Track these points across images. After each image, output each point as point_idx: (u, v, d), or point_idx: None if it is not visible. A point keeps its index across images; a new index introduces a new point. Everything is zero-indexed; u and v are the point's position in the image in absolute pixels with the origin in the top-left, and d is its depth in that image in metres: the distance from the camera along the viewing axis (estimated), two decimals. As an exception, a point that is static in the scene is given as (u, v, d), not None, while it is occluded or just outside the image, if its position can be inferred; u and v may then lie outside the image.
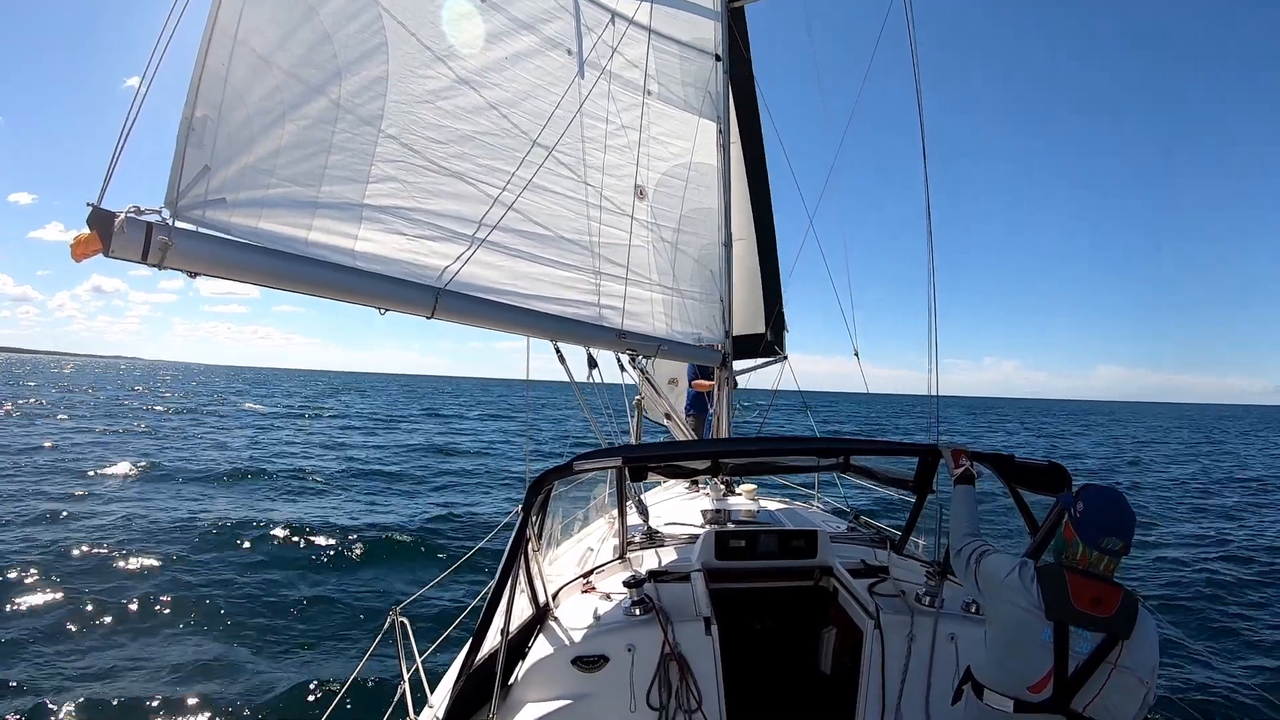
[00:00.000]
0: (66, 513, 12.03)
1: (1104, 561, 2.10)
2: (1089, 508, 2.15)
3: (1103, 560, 2.10)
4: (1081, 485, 2.31)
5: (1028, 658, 2.08)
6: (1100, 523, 2.11)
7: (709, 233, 6.06)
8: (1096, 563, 2.11)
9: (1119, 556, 2.12)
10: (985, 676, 2.21)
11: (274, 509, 13.38)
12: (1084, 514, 2.14)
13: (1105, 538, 2.09)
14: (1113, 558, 2.11)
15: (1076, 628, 2.05)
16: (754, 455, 4.33)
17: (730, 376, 6.20)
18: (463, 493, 16.48)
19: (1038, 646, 2.07)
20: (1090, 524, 2.12)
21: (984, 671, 2.23)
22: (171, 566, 9.42)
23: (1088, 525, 2.12)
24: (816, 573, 3.62)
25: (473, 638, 2.70)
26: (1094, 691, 2.03)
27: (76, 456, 19.04)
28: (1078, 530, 2.14)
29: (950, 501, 2.75)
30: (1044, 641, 2.06)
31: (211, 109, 2.82)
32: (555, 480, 3.12)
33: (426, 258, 3.73)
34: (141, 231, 2.54)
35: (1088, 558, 2.11)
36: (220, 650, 6.84)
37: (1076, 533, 2.14)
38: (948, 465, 2.99)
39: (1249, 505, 18.03)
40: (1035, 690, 2.07)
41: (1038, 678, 2.06)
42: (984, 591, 2.29)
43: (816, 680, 3.51)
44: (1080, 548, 2.13)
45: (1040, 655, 2.06)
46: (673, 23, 5.60)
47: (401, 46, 3.63)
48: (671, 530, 4.43)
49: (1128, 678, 2.03)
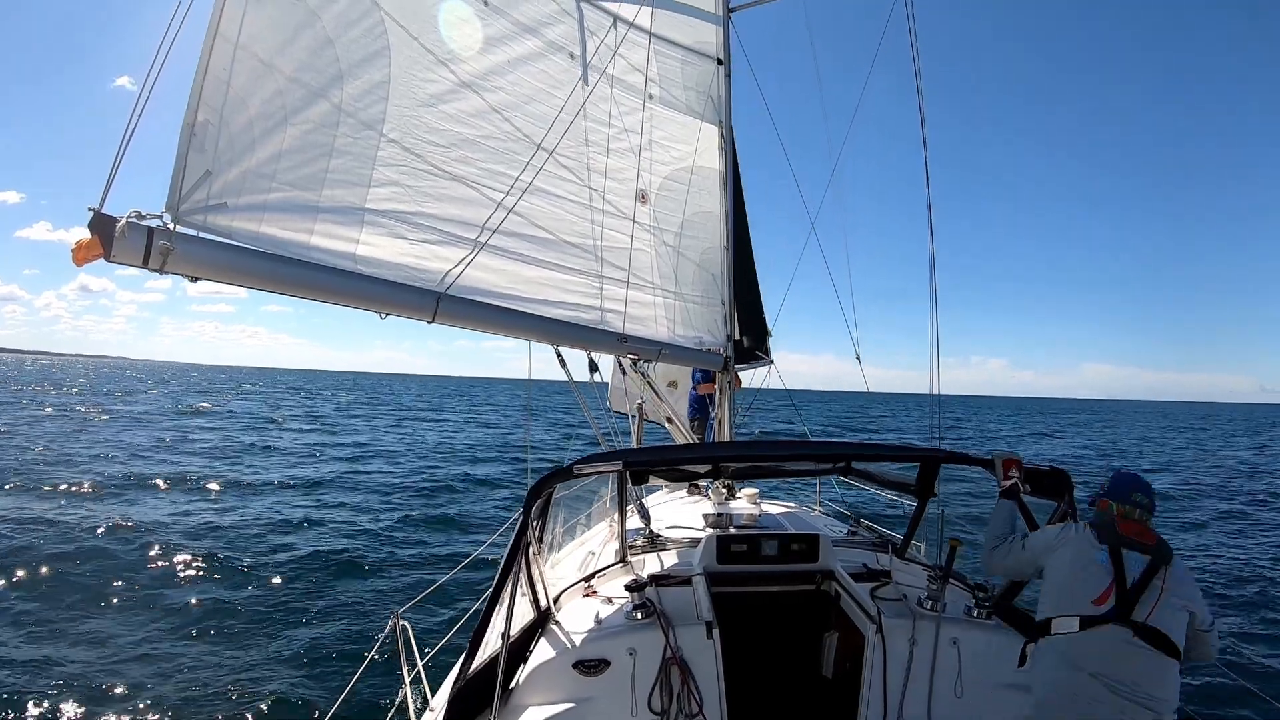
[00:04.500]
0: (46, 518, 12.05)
1: (1136, 513, 2.54)
2: (1115, 480, 2.65)
3: (1135, 512, 2.54)
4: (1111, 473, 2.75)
5: (1089, 577, 2.42)
6: (1126, 486, 2.60)
7: (710, 236, 6.07)
8: (1129, 514, 2.54)
9: (1149, 512, 2.56)
10: (1049, 608, 2.47)
11: (274, 509, 13.38)
12: (1112, 484, 2.64)
13: (1134, 493, 2.57)
14: (1144, 511, 2.55)
15: (1127, 550, 2.43)
16: (755, 459, 4.33)
17: (732, 380, 6.20)
18: (471, 495, 16.47)
19: (1095, 566, 2.42)
20: (1118, 488, 2.60)
21: (1047, 606, 2.49)
22: (171, 568, 9.43)
23: (1116, 490, 2.60)
24: (818, 577, 3.61)
25: (473, 641, 2.69)
26: (1150, 605, 2.34)
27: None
28: (1110, 497, 2.60)
29: (948, 503, 2.95)
30: (1100, 562, 2.43)
31: (213, 113, 2.82)
32: (556, 484, 3.12)
33: (428, 262, 3.73)
34: (143, 236, 2.55)
35: (1123, 510, 2.55)
36: (221, 654, 6.83)
37: (1110, 499, 2.59)
38: (996, 475, 3.00)
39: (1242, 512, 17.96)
40: (1099, 603, 2.37)
41: (1100, 591, 2.38)
42: (1039, 553, 2.64)
43: (818, 684, 3.50)
44: (1115, 507, 2.57)
45: (1099, 574, 2.41)
46: (674, 27, 5.60)
47: (403, 50, 3.64)
48: (673, 534, 4.42)
49: (1175, 600, 2.36)
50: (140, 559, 9.81)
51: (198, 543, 10.86)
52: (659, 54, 5.45)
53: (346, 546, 10.89)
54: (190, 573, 9.35)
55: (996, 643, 3.02)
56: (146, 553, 10.07)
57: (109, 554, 10.00)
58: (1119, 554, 2.41)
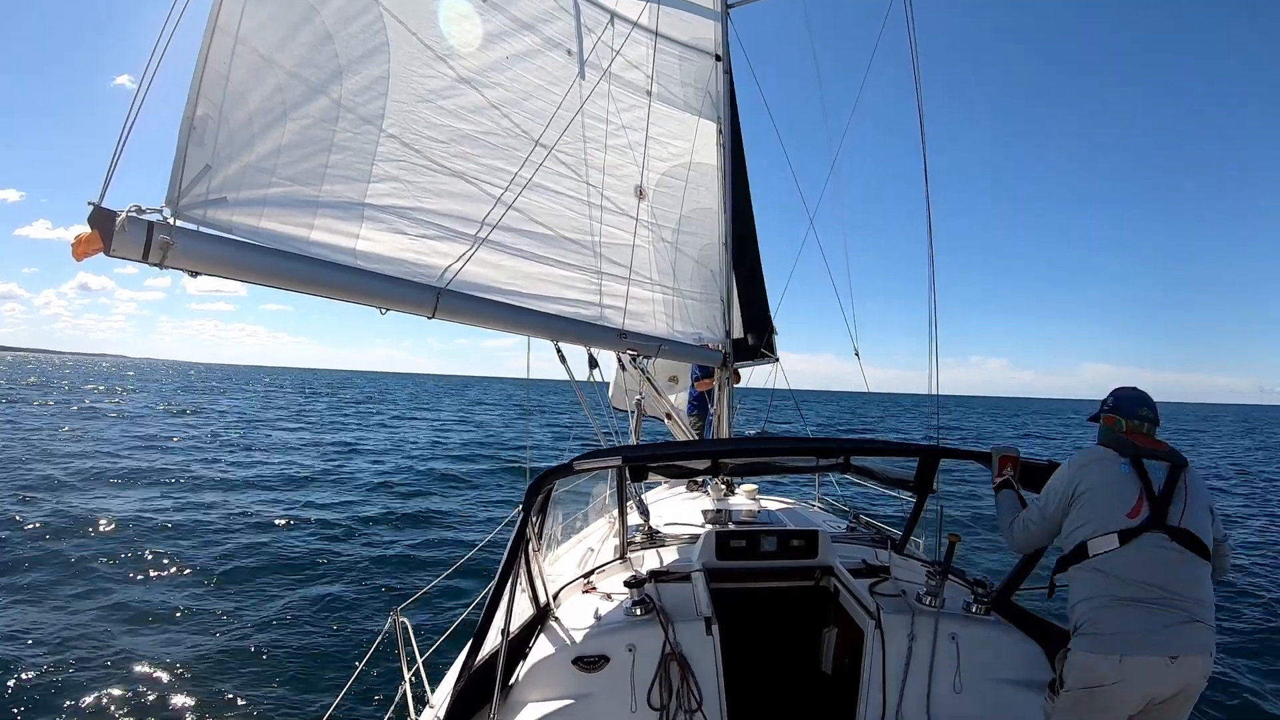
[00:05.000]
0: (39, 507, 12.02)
1: (1145, 426, 2.61)
2: (1118, 396, 2.71)
3: (1143, 426, 2.61)
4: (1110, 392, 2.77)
5: (1117, 492, 2.44)
6: (1131, 400, 2.67)
7: (709, 232, 6.07)
8: (1138, 428, 2.61)
9: (1155, 425, 2.62)
10: (1083, 532, 2.47)
11: (273, 509, 13.37)
12: (1116, 400, 2.70)
13: (1139, 408, 2.63)
14: (1151, 425, 2.61)
15: (1147, 459, 2.48)
16: (754, 455, 4.33)
17: (730, 376, 6.20)
18: (461, 493, 16.47)
19: (1121, 479, 2.45)
20: (1124, 404, 2.67)
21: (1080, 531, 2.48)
22: (169, 566, 9.42)
23: (1122, 405, 2.67)
24: (817, 573, 3.61)
25: (473, 638, 2.69)
26: (1180, 508, 2.39)
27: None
28: (1116, 412, 2.67)
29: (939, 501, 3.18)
30: (1125, 473, 2.46)
31: (213, 108, 2.81)
32: (555, 480, 3.12)
33: (428, 257, 3.72)
34: (142, 231, 2.53)
35: (1131, 425, 2.62)
36: (220, 650, 6.83)
37: (1116, 414, 2.66)
38: (993, 470, 3.03)
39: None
40: (1133, 515, 2.40)
41: (1132, 503, 2.41)
42: (1062, 495, 2.57)
43: (817, 680, 3.51)
44: (1122, 423, 2.64)
45: (1127, 486, 2.44)
46: (672, 23, 5.60)
47: (403, 46, 3.63)
48: (672, 530, 4.42)
49: (1199, 500, 2.44)
50: (141, 560, 9.79)
51: (197, 542, 10.85)
52: (657, 50, 5.45)
53: (347, 545, 10.89)
54: (190, 572, 9.34)
55: (995, 638, 3.03)
56: (147, 553, 10.05)
57: (110, 555, 9.99)
58: (1141, 463, 2.46)
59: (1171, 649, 2.26)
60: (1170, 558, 2.34)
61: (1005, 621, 3.14)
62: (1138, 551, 2.34)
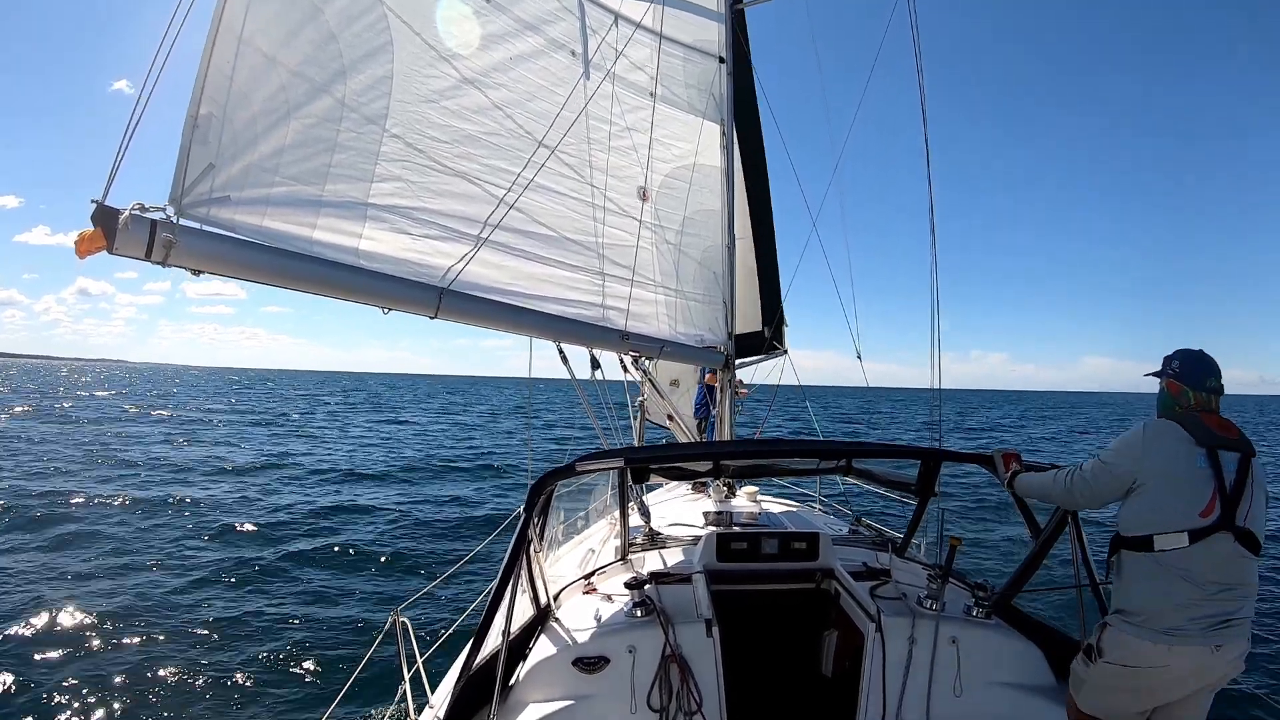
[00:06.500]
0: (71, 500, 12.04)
1: (1211, 401, 2.43)
2: (1185, 362, 2.47)
3: (1210, 400, 2.42)
4: (1173, 352, 2.55)
5: (1192, 486, 2.29)
6: (1200, 368, 2.45)
7: (712, 234, 6.07)
8: (1206, 403, 2.42)
9: (1220, 395, 2.44)
10: (1153, 524, 2.32)
11: (273, 508, 13.38)
12: (1183, 367, 2.47)
13: (1208, 379, 2.43)
14: (1216, 396, 2.44)
15: (1223, 450, 2.31)
16: (756, 458, 4.32)
17: (732, 378, 6.20)
18: (464, 492, 16.48)
19: (1197, 473, 2.29)
20: (1193, 372, 2.45)
21: (1148, 522, 2.34)
22: (169, 566, 9.43)
23: (1190, 374, 2.45)
24: (818, 575, 3.61)
25: (473, 638, 2.69)
26: (1247, 506, 2.28)
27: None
28: (1182, 381, 2.45)
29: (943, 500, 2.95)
30: (1200, 467, 2.29)
31: (216, 107, 2.81)
32: (557, 482, 3.12)
33: (430, 257, 3.72)
34: (146, 229, 2.53)
35: (1200, 399, 2.42)
36: (220, 650, 6.83)
37: (1182, 384, 2.45)
38: (998, 470, 3.03)
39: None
40: (1205, 514, 2.27)
41: (1205, 501, 2.27)
42: (1126, 456, 2.40)
43: (818, 683, 3.50)
44: (1190, 394, 2.43)
45: (1202, 481, 2.29)
46: (676, 25, 5.60)
47: (406, 46, 3.63)
48: (673, 532, 4.42)
49: (1261, 496, 2.32)
50: (140, 560, 9.81)
51: (197, 542, 10.87)
52: (661, 52, 5.45)
53: (347, 544, 10.89)
54: (188, 570, 9.35)
55: (996, 642, 3.02)
56: (146, 553, 10.07)
57: (108, 553, 10.00)
58: (1217, 455, 2.30)
59: (1219, 638, 2.27)
60: (1235, 558, 2.29)
61: (1006, 625, 3.12)
62: (1206, 552, 2.27)
